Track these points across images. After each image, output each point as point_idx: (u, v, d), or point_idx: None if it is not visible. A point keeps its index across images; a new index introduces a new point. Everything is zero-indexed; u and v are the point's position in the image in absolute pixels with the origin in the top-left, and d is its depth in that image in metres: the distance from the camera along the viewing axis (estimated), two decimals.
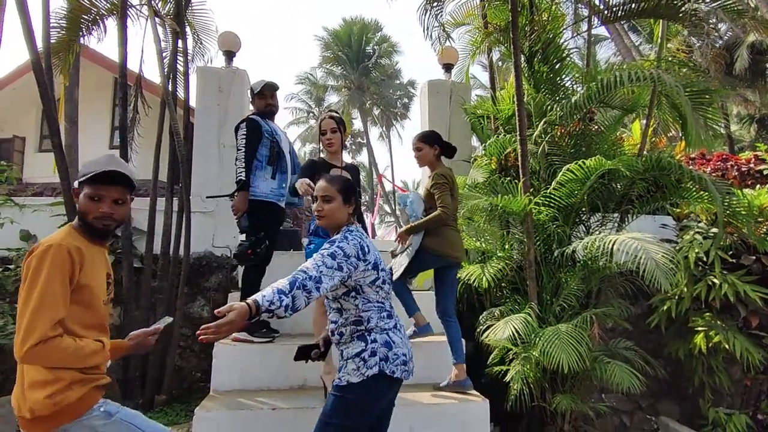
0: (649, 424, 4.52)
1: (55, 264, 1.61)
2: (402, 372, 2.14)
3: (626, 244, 3.05)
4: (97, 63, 11.16)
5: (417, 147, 3.49)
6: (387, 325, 2.15)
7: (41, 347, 1.55)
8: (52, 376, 1.63)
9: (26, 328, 1.55)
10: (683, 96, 3.50)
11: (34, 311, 1.56)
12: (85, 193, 1.73)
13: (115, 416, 1.75)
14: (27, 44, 3.66)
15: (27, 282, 1.60)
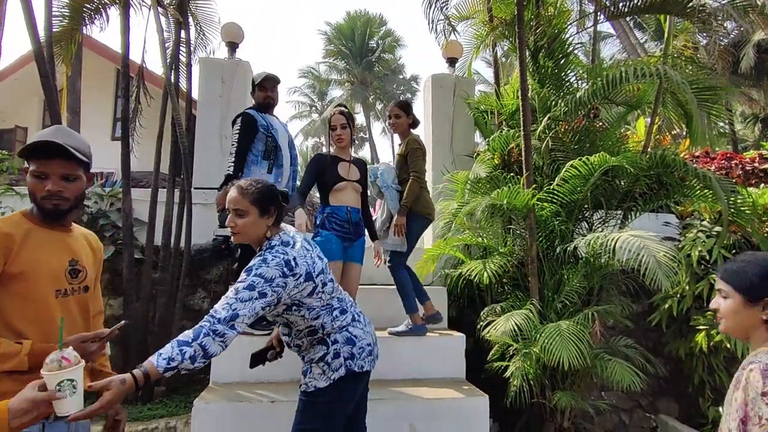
0: (649, 422, 4.52)
1: None
2: (369, 363, 2.14)
3: (628, 242, 3.03)
4: (100, 54, 11.13)
5: (396, 114, 3.76)
6: (344, 321, 2.10)
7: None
8: None
9: None
10: (689, 93, 3.47)
11: None
12: (30, 171, 1.51)
13: None
14: (29, 33, 3.64)
15: None
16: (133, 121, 4.78)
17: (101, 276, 4.46)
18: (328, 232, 3.15)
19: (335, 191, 3.22)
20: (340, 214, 3.20)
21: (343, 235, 3.20)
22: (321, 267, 2.07)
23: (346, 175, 3.25)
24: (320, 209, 3.28)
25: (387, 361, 3.53)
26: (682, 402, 4.61)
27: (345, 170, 3.27)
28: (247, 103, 5.00)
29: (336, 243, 3.14)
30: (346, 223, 3.20)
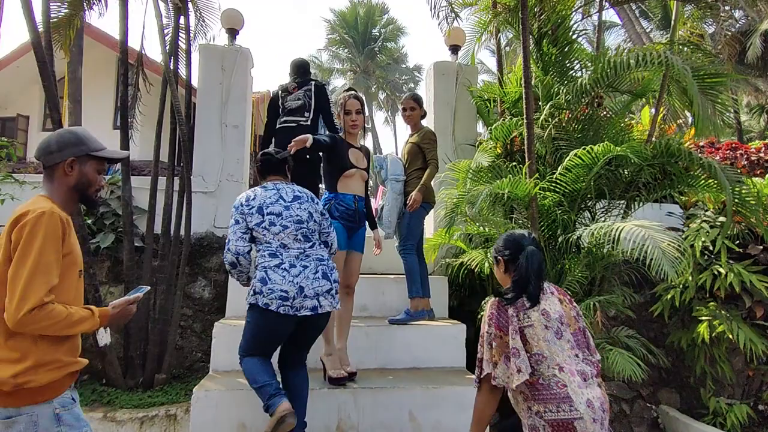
0: (650, 412, 4.51)
1: (50, 231, 1.59)
2: (279, 306, 2.42)
3: (633, 232, 3.00)
4: (102, 42, 11.07)
5: (411, 107, 3.97)
6: (268, 263, 2.49)
7: (36, 313, 1.52)
8: (17, 355, 1.56)
9: (22, 294, 1.52)
10: (689, 77, 3.41)
11: (30, 276, 1.53)
12: (95, 167, 1.80)
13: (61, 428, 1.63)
14: (26, 19, 3.61)
15: (21, 248, 1.55)
16: (133, 109, 4.74)
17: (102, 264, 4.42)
18: (334, 221, 3.10)
19: (344, 178, 3.18)
20: (347, 201, 3.16)
21: (348, 225, 3.17)
22: (279, 210, 2.57)
23: (356, 163, 3.22)
24: (326, 194, 3.23)
25: (388, 350, 3.55)
26: (684, 393, 4.61)
27: (356, 158, 3.24)
28: (247, 91, 4.97)
29: (341, 232, 3.11)
30: (353, 211, 3.17)
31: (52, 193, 1.75)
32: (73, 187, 1.77)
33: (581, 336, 2.05)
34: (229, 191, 4.63)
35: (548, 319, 1.99)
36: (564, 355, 1.94)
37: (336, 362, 3.10)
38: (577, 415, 1.81)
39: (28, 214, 1.59)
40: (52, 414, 1.60)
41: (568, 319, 2.04)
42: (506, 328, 1.98)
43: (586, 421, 1.79)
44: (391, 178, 3.87)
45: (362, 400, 3.02)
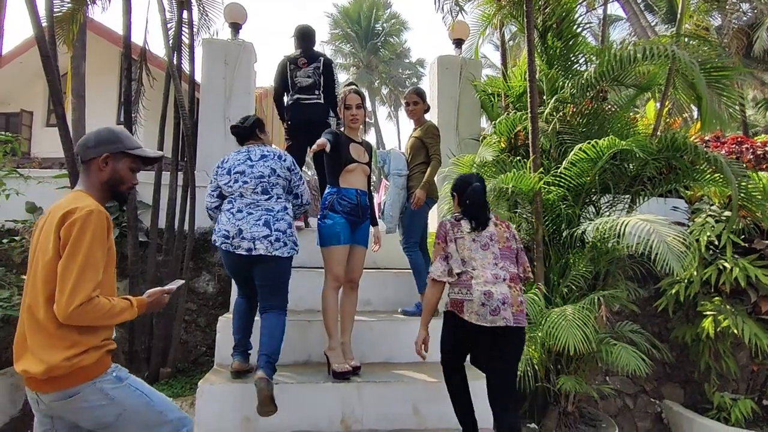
0: (653, 407, 4.51)
1: (97, 229, 1.70)
2: (222, 243, 2.85)
3: (638, 226, 2.99)
4: (105, 38, 11.06)
5: (415, 101, 3.93)
6: (224, 208, 2.92)
7: (85, 306, 1.64)
8: (69, 342, 1.69)
9: (72, 289, 1.63)
10: (697, 71, 3.39)
11: (80, 273, 1.64)
12: (128, 165, 1.91)
13: (126, 381, 1.83)
14: (29, 13, 3.60)
15: (71, 244, 1.65)
16: (136, 104, 4.73)
17: None
18: (336, 215, 3.10)
19: (346, 172, 3.16)
20: (349, 196, 3.15)
21: (351, 218, 3.16)
22: (243, 169, 2.93)
23: (357, 157, 3.21)
24: (328, 189, 3.22)
25: (392, 344, 3.55)
26: (688, 388, 4.60)
27: (357, 152, 3.23)
28: (251, 85, 4.96)
29: (344, 227, 3.10)
30: (356, 206, 3.16)
31: (89, 188, 1.86)
32: (106, 182, 1.87)
33: (509, 252, 2.66)
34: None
35: (479, 235, 2.65)
36: (483, 261, 2.57)
37: (339, 356, 3.10)
38: (469, 297, 2.48)
39: (75, 212, 1.69)
40: (104, 384, 1.76)
41: (498, 237, 2.66)
42: (445, 238, 2.65)
43: (475, 303, 2.46)
44: (393, 173, 3.86)
45: (366, 394, 3.02)
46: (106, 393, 1.76)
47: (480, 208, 2.68)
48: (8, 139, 4.07)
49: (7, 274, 3.84)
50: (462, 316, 2.50)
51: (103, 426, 1.80)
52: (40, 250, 1.74)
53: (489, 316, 2.45)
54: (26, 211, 4.53)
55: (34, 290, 1.72)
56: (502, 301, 2.46)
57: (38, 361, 1.68)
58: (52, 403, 1.74)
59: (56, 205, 1.78)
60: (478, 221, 2.65)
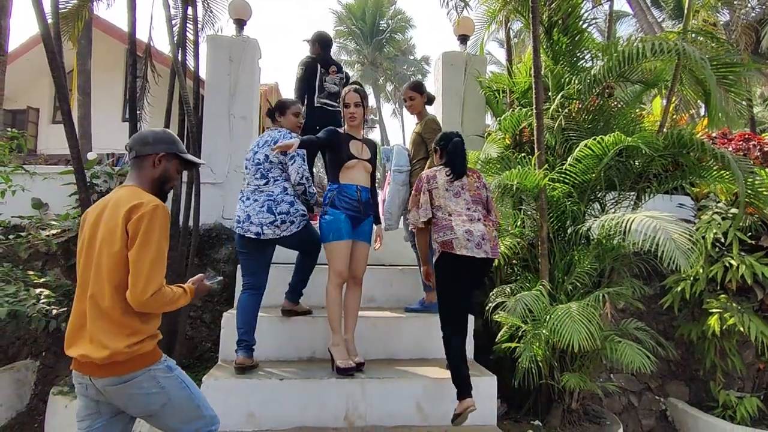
0: (658, 405, 4.50)
1: (163, 223, 1.85)
2: (236, 227, 3.18)
3: (644, 223, 2.97)
4: (111, 35, 11.10)
5: (410, 96, 3.96)
6: (239, 197, 3.26)
7: (157, 295, 1.79)
8: (131, 330, 1.81)
9: (147, 278, 1.77)
10: (708, 69, 3.35)
11: (152, 264, 1.79)
12: (175, 167, 2.06)
13: (174, 372, 1.94)
14: (35, 10, 3.61)
15: (141, 237, 1.78)
16: (141, 101, 4.74)
17: None
18: (337, 211, 3.13)
19: (346, 169, 3.20)
20: (350, 192, 3.18)
21: (353, 214, 3.18)
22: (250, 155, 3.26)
23: (358, 154, 3.23)
24: (329, 186, 3.25)
25: (396, 341, 3.56)
26: (693, 385, 4.58)
27: (357, 149, 3.25)
28: (255, 82, 4.96)
29: (345, 222, 3.12)
30: (356, 202, 3.18)
31: (141, 184, 1.98)
32: (157, 178, 2.00)
33: (479, 198, 3.09)
34: (237, 183, 4.64)
35: (452, 185, 3.04)
36: (456, 207, 2.99)
37: (343, 353, 3.11)
38: (455, 236, 2.88)
39: (142, 207, 1.81)
40: (156, 372, 1.88)
41: (469, 186, 3.08)
42: (420, 189, 3.05)
43: (460, 239, 2.86)
44: (394, 169, 3.87)
45: (370, 391, 3.03)
46: (158, 381, 1.87)
47: (459, 159, 3.07)
48: (14, 135, 4.09)
49: (14, 270, 3.87)
50: (454, 252, 2.86)
51: (149, 414, 1.91)
52: (104, 241, 1.83)
53: (475, 249, 2.87)
54: (32, 207, 4.56)
55: (98, 280, 1.82)
56: (482, 237, 2.91)
57: (100, 347, 1.77)
58: (106, 388, 1.82)
59: (114, 199, 1.89)
60: (456, 170, 3.05)
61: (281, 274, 3.66)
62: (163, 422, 1.95)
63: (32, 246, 4.19)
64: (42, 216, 4.54)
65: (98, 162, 5.21)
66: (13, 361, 4.24)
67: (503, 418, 3.62)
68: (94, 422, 1.89)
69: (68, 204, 4.50)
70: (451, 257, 2.88)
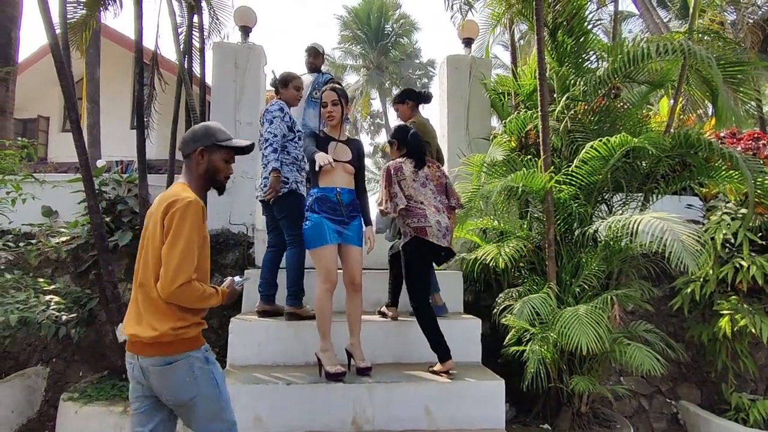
0: (669, 408, 4.45)
1: (196, 217, 1.91)
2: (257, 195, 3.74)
3: (652, 224, 2.94)
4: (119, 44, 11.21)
5: (396, 108, 4.25)
6: None
7: (185, 287, 1.85)
8: (177, 315, 1.91)
9: (175, 270, 1.84)
10: (714, 68, 3.33)
11: (182, 256, 1.85)
12: (222, 157, 2.10)
13: (210, 366, 2.00)
14: (43, 21, 3.66)
15: (173, 232, 1.86)
16: (148, 108, 4.79)
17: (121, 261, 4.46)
18: (317, 216, 3.06)
19: (324, 172, 3.10)
20: (329, 195, 3.10)
21: (334, 218, 3.09)
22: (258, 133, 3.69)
23: (337, 156, 3.15)
24: (310, 191, 3.19)
25: (403, 345, 3.55)
26: (705, 388, 4.53)
27: (336, 151, 3.18)
28: (261, 88, 4.99)
29: (327, 226, 3.05)
30: (337, 204, 3.10)
31: (189, 180, 2.07)
32: (203, 173, 2.08)
33: (441, 188, 3.41)
34: (243, 188, 4.67)
35: (417, 175, 3.33)
36: (425, 196, 3.30)
37: (332, 358, 3.08)
38: (428, 224, 3.20)
39: (177, 203, 1.90)
40: (203, 356, 1.99)
41: (432, 176, 3.39)
42: (390, 181, 3.27)
43: (433, 228, 3.19)
44: None
45: (377, 395, 3.02)
46: (193, 371, 1.94)
47: (420, 150, 3.38)
48: (25, 144, 4.15)
49: (24, 277, 3.91)
50: (427, 239, 3.18)
51: (179, 405, 1.98)
52: (150, 235, 1.94)
53: (442, 239, 3.22)
54: (42, 215, 4.61)
55: (146, 271, 1.93)
56: (447, 229, 3.28)
57: (149, 328, 1.89)
58: (149, 367, 1.92)
59: (162, 195, 2.00)
60: (419, 161, 3.34)
61: None
62: (187, 415, 2.01)
63: (42, 253, 4.23)
64: (52, 223, 4.60)
65: (107, 170, 5.27)
66: (24, 367, 4.29)
67: (512, 422, 3.60)
68: (142, 404, 2.00)
69: (77, 211, 4.55)
70: (421, 242, 3.21)
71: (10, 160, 3.94)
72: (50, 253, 4.40)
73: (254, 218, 4.81)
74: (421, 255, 3.28)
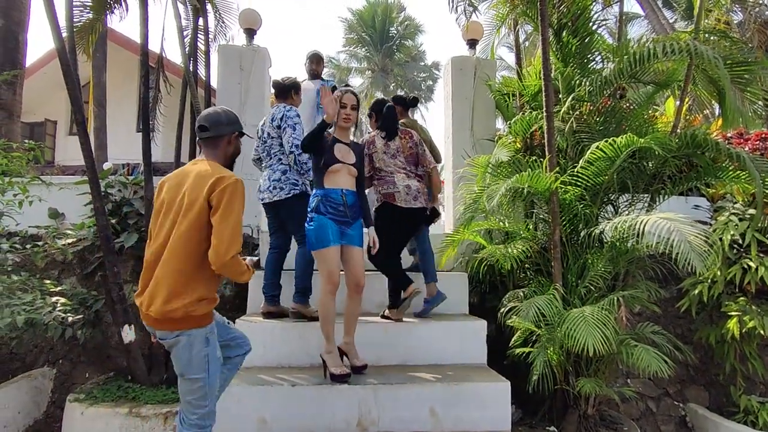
0: (677, 410, 4.41)
1: (242, 195, 2.11)
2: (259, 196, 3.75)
3: (658, 224, 2.91)
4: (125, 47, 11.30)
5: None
6: None
7: (235, 258, 2.02)
8: (193, 291, 2.04)
9: (229, 241, 2.00)
10: (722, 68, 3.30)
11: (234, 230, 2.01)
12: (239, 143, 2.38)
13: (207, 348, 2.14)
14: (50, 25, 3.68)
15: (225, 206, 2.02)
16: (154, 111, 4.81)
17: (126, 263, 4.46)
18: (322, 216, 3.07)
19: (330, 173, 3.13)
20: (334, 196, 3.11)
21: (339, 219, 3.11)
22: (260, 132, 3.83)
23: (342, 158, 3.17)
24: (314, 192, 3.20)
25: (408, 346, 3.54)
26: (713, 390, 4.49)
27: (341, 153, 3.20)
28: (266, 90, 5.01)
29: (331, 227, 3.06)
30: (341, 206, 3.12)
31: (218, 159, 2.23)
32: (231, 155, 2.32)
33: (412, 158, 3.71)
34: (248, 190, 4.66)
35: (388, 147, 3.63)
36: (395, 166, 3.62)
37: (337, 359, 3.09)
38: (396, 190, 3.54)
39: (225, 179, 2.07)
40: (204, 336, 2.12)
41: (403, 148, 3.66)
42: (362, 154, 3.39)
43: (401, 193, 3.53)
44: None
45: (382, 396, 3.01)
46: (190, 349, 2.08)
47: (392, 122, 3.64)
48: (32, 147, 4.18)
49: (31, 279, 3.93)
50: (395, 203, 3.52)
51: (180, 374, 2.14)
52: (185, 208, 2.05)
53: (412, 201, 3.55)
54: (48, 217, 4.64)
55: (174, 243, 2.04)
56: (417, 191, 3.61)
57: (162, 302, 2.01)
58: (161, 341, 2.11)
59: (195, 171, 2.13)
60: (389, 132, 3.61)
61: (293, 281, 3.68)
62: (181, 389, 2.15)
63: (49, 255, 4.26)
64: (58, 225, 4.62)
65: (113, 172, 5.29)
66: (31, 368, 4.31)
67: (518, 424, 3.58)
68: None
69: (84, 213, 4.57)
70: (391, 206, 3.54)
71: (17, 162, 3.97)
72: (57, 255, 4.43)
73: (259, 220, 4.81)
74: (393, 220, 3.56)
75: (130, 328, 3.79)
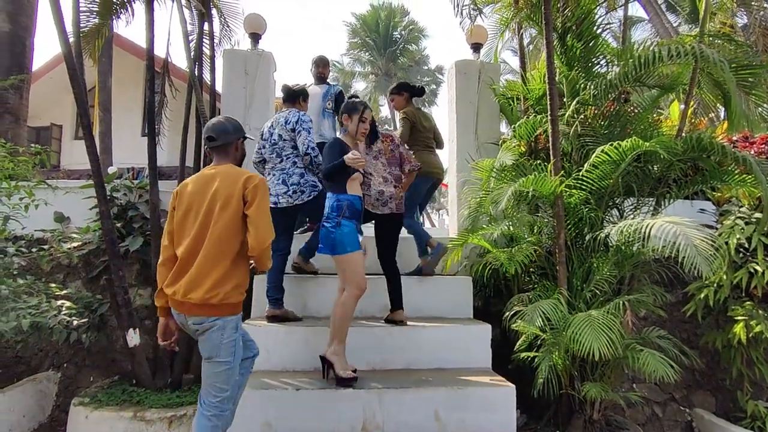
0: (683, 415, 4.38)
1: (268, 190, 2.41)
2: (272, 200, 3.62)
3: (664, 228, 2.90)
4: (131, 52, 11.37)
5: (391, 99, 4.83)
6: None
7: (270, 246, 2.29)
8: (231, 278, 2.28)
9: (266, 230, 2.28)
10: (727, 71, 3.29)
11: (267, 221, 2.31)
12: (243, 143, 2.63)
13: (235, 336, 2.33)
14: (57, 30, 3.71)
15: (259, 201, 2.30)
16: (159, 115, 4.83)
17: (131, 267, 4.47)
18: (351, 222, 3.15)
19: (351, 180, 3.24)
20: (356, 204, 3.22)
21: (359, 224, 3.26)
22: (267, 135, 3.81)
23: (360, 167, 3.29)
24: (339, 197, 3.20)
25: (412, 350, 3.53)
26: (719, 395, 4.45)
27: None
28: (270, 95, 5.02)
29: (354, 234, 3.17)
30: (360, 213, 3.27)
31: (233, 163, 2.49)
32: (239, 158, 2.57)
33: (393, 160, 3.77)
34: None
35: (371, 150, 3.67)
36: (374, 168, 3.67)
37: (344, 362, 3.11)
38: (369, 193, 3.61)
39: (254, 178, 2.34)
40: (236, 323, 2.34)
41: (384, 151, 3.74)
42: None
43: (371, 197, 3.62)
44: None
45: (387, 400, 3.00)
46: (222, 334, 2.27)
47: (373, 127, 3.59)
48: (38, 151, 4.20)
49: (36, 282, 3.95)
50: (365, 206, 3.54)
51: (207, 358, 2.31)
52: (221, 205, 2.28)
53: (380, 207, 3.63)
54: (54, 221, 4.66)
55: (212, 237, 2.25)
56: (390, 197, 3.65)
57: (200, 289, 2.22)
58: (193, 326, 2.27)
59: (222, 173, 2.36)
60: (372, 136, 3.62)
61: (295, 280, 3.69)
62: (206, 372, 2.31)
63: (54, 259, 4.28)
64: (64, 229, 4.64)
65: (118, 176, 5.32)
66: (36, 372, 4.32)
67: (523, 429, 3.56)
68: None
69: (89, 217, 4.59)
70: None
71: (23, 166, 3.99)
72: (62, 259, 4.44)
73: None
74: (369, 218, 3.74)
75: (135, 331, 3.80)
